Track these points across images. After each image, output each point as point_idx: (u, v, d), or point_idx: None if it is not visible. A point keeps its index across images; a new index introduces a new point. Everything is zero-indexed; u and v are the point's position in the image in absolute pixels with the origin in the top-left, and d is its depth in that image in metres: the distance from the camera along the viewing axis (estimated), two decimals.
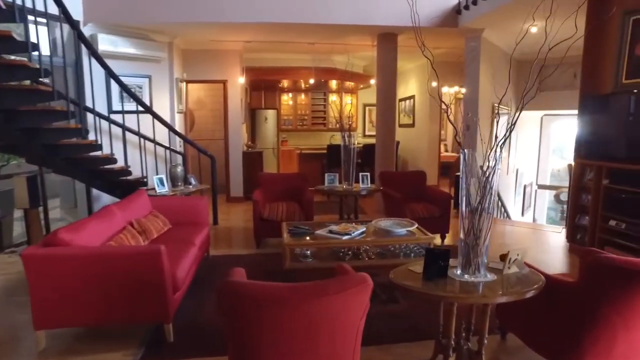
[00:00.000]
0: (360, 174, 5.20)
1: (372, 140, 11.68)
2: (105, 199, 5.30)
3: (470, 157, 2.29)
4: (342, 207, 5.29)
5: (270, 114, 10.62)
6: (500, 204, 7.83)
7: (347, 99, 11.42)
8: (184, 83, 6.98)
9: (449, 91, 9.75)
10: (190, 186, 5.05)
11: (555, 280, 2.26)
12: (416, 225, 3.73)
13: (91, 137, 4.48)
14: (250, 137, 9.65)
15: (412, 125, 10.07)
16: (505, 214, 8.11)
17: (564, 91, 8.24)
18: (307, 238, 3.56)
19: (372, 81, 7.66)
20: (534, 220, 10.72)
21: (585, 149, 4.66)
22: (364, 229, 3.69)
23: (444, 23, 6.16)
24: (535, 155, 11.19)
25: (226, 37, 6.69)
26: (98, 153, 4.40)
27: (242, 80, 7.41)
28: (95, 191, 5.12)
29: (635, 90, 4.08)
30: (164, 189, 4.71)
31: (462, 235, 2.26)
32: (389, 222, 3.89)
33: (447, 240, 5.16)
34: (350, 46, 7.54)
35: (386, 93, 6.76)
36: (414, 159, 9.99)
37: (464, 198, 2.26)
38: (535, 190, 11.31)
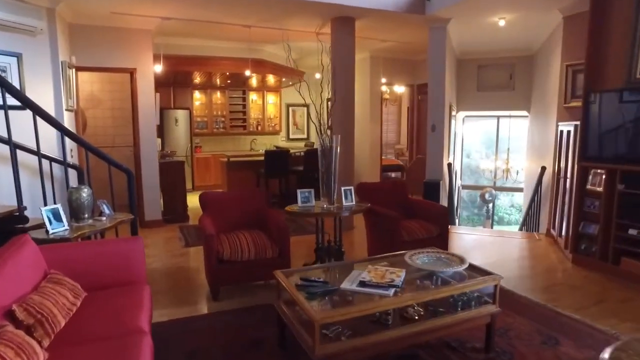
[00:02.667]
0: (343, 188, 4.04)
1: (299, 145, 10.63)
2: None
3: None
4: (321, 233, 4.05)
5: (181, 115, 8.83)
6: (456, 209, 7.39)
7: (269, 97, 10.15)
8: (73, 70, 5.01)
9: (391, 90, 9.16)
10: (104, 218, 3.31)
11: None
12: (467, 262, 2.72)
13: None
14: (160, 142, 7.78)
15: None
16: (458, 220, 7.71)
17: (501, 92, 8.18)
18: (334, 298, 2.29)
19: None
20: (458, 222, 10.72)
21: (592, 151, 4.19)
22: (404, 272, 2.56)
23: (410, 9, 5.35)
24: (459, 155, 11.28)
25: (134, 9, 4.95)
26: None
27: (158, 68, 5.67)
28: None
29: None
30: (62, 228, 2.95)
31: None
32: (424, 257, 2.83)
33: None
34: (292, 33, 6.34)
35: (343, 87, 5.70)
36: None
37: None
38: (459, 190, 11.40)
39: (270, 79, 9.11)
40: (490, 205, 11.28)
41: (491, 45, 7.48)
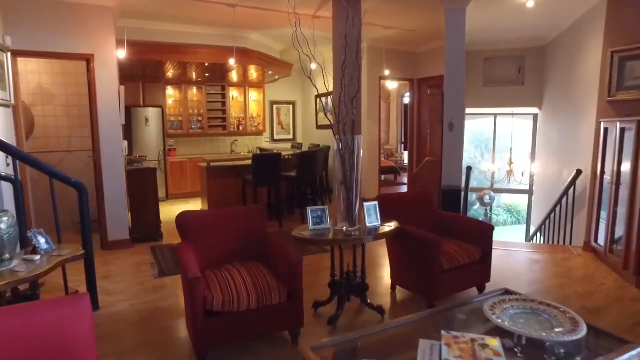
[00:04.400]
0: (365, 203, 3.13)
1: (285, 146, 9.64)
2: None
3: None
4: (339, 265, 3.12)
5: (153, 113, 7.74)
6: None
7: (252, 94, 9.14)
8: (8, 54, 3.92)
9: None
10: (37, 258, 2.27)
11: None
12: (584, 324, 1.85)
13: None
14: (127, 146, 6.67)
15: None
16: None
17: (509, 87, 7.48)
18: None
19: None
20: None
21: None
22: (498, 343, 1.67)
23: None
24: None
25: None
26: None
27: (122, 54, 4.61)
28: None
29: None
30: None
31: None
32: (511, 308, 1.96)
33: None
34: (282, 16, 5.40)
35: (349, 79, 4.79)
36: None
37: None
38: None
39: (253, 72, 8.11)
40: (489, 208, 10.66)
41: (500, 34, 6.75)
